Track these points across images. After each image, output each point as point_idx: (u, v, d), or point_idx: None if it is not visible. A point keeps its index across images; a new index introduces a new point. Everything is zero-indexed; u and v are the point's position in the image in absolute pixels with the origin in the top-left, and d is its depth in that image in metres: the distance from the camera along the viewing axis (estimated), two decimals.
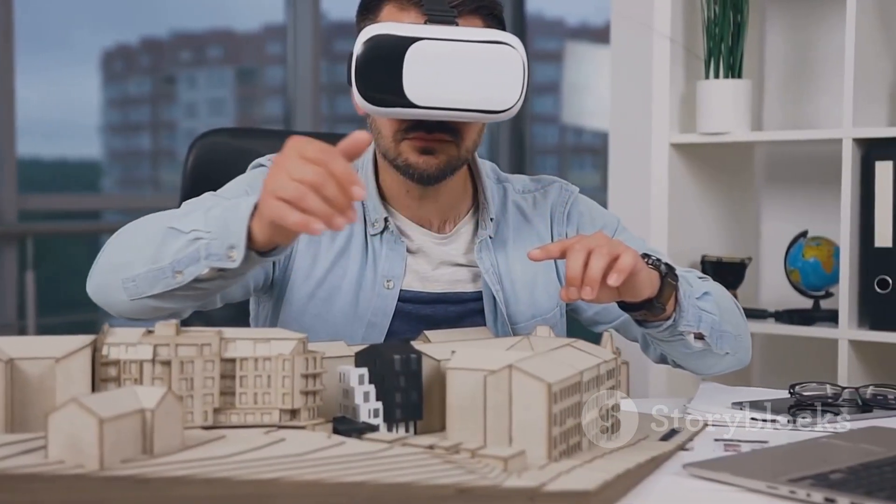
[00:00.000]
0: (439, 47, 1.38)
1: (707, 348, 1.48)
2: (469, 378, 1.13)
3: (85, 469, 0.94)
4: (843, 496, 1.00)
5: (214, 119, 4.71)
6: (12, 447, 1.00)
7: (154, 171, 4.77)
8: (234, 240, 1.23)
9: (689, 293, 1.45)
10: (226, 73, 4.76)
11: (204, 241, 1.25)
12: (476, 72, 1.38)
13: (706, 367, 1.55)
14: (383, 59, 1.37)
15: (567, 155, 5.36)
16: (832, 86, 2.62)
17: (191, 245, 1.27)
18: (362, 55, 1.38)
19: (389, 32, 1.38)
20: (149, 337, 1.11)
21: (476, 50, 1.38)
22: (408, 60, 1.37)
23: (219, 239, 1.24)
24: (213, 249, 1.25)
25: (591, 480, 1.00)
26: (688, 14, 2.56)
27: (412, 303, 1.56)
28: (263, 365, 1.13)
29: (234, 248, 1.23)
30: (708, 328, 1.47)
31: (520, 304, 1.58)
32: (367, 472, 0.98)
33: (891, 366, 2.40)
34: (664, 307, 1.41)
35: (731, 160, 2.69)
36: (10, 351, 1.09)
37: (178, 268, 1.28)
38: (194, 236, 1.26)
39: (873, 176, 2.30)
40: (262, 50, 4.78)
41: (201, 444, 1.04)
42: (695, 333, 1.46)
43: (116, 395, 0.99)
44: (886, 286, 2.29)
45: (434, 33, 1.38)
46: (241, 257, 1.23)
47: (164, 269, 1.29)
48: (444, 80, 1.38)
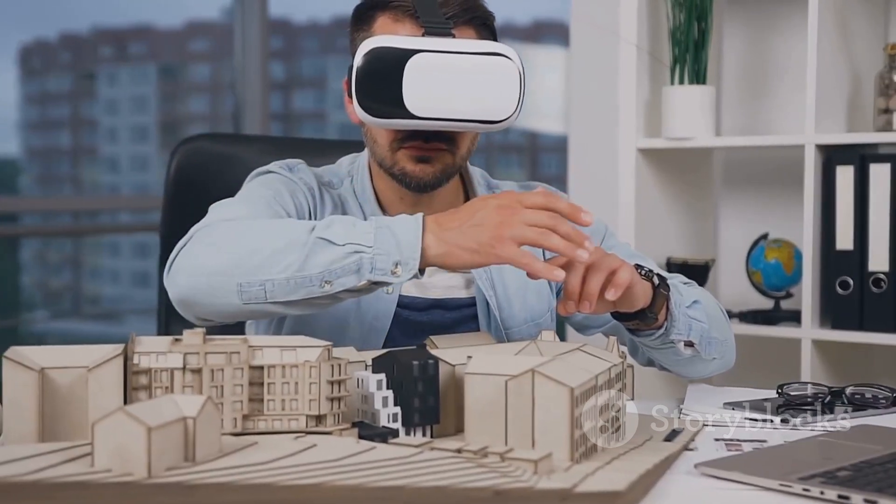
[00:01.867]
0: (438, 59, 1.41)
1: (696, 355, 1.53)
2: (488, 382, 1.16)
3: (133, 477, 0.96)
4: (856, 493, 1.05)
5: (137, 117, 4.67)
6: (54, 456, 1.01)
7: (74, 169, 4.72)
8: (405, 258, 1.28)
9: (679, 302, 1.50)
10: (148, 69, 4.72)
11: (367, 256, 1.29)
12: (474, 83, 1.42)
13: (694, 372, 1.60)
14: (383, 72, 1.40)
15: (495, 153, 5.41)
16: (789, 92, 2.70)
17: (348, 257, 1.29)
18: (362, 68, 1.41)
19: (389, 45, 1.41)
20: (178, 346, 1.13)
21: (474, 61, 1.42)
22: (407, 72, 1.40)
23: (385, 255, 1.29)
24: (378, 264, 1.29)
25: (619, 481, 1.04)
26: (653, 21, 2.62)
27: (409, 308, 1.59)
28: (291, 372, 1.15)
29: (400, 264, 1.28)
30: (698, 336, 1.52)
31: (512, 309, 1.62)
32: (403, 477, 1.01)
33: (851, 364, 2.48)
34: (657, 317, 1.46)
35: (694, 164, 2.76)
36: (41, 360, 1.10)
37: (328, 278, 1.30)
38: (352, 249, 1.29)
39: (834, 181, 2.38)
40: (186, 47, 4.74)
41: (237, 450, 1.06)
42: (685, 341, 1.50)
43: (158, 404, 1.01)
44: (847, 287, 2.37)
45: (433, 45, 1.41)
46: (410, 275, 1.29)
47: (311, 278, 1.30)
48: (442, 91, 1.41)
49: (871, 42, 2.55)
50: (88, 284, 5.04)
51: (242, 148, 2.02)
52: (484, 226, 1.29)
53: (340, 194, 1.63)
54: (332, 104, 4.98)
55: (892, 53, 2.41)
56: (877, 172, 2.35)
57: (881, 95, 2.42)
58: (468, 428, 1.17)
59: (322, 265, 1.30)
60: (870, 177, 2.35)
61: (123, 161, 4.76)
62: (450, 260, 1.30)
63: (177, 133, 4.88)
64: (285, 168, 1.62)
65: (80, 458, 1.01)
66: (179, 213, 1.95)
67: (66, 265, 4.89)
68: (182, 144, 1.99)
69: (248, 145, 2.05)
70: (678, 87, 2.55)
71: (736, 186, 2.82)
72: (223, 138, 2.14)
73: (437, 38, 1.43)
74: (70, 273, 4.96)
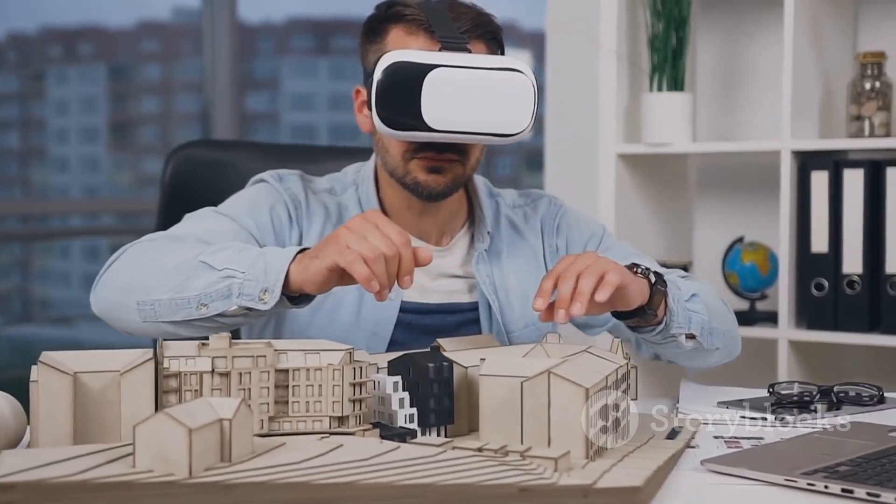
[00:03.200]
0: (456, 74, 1.45)
1: (699, 346, 1.58)
2: (502, 384, 1.21)
3: (175, 477, 1.00)
4: (858, 487, 1.11)
5: (86, 117, 4.64)
6: (94, 457, 1.04)
7: (23, 170, 4.70)
8: (270, 284, 1.32)
9: (678, 297, 1.55)
10: (98, 69, 4.70)
11: (238, 281, 1.34)
12: (490, 97, 1.46)
13: (699, 363, 1.66)
14: (402, 86, 1.44)
15: None
16: (762, 99, 2.77)
17: (222, 282, 1.35)
18: (382, 81, 1.45)
19: (409, 60, 1.45)
20: (206, 350, 1.17)
21: (490, 77, 1.46)
22: (426, 86, 1.44)
23: (254, 281, 1.33)
24: (245, 290, 1.33)
25: (636, 477, 1.09)
26: (631, 30, 2.68)
27: (412, 313, 1.64)
28: (315, 375, 1.19)
29: (268, 291, 1.32)
30: (698, 328, 1.56)
31: (514, 314, 1.67)
32: (431, 475, 1.05)
33: (826, 363, 2.56)
34: (655, 313, 1.50)
35: (671, 169, 2.82)
36: (73, 365, 1.14)
37: (204, 301, 1.36)
38: (227, 274, 1.35)
39: (809, 186, 2.45)
40: (137, 47, 4.72)
41: (268, 450, 1.10)
42: (686, 334, 1.55)
43: (194, 407, 1.04)
44: (822, 289, 2.44)
45: (451, 60, 1.46)
46: (275, 301, 1.33)
47: (189, 300, 1.37)
48: (459, 105, 1.45)
49: (841, 50, 2.62)
50: (38, 288, 5.01)
51: (236, 154, 2.05)
52: (332, 237, 1.33)
53: (341, 201, 1.66)
54: (285, 105, 4.99)
55: (863, 62, 2.49)
56: (850, 177, 2.42)
57: (853, 102, 2.50)
58: (482, 427, 1.22)
59: (199, 288, 1.36)
60: (844, 182, 2.42)
61: (73, 162, 4.74)
62: (306, 273, 1.33)
63: (127, 134, 4.86)
64: (275, 178, 1.66)
65: (120, 460, 1.04)
66: (174, 220, 1.97)
67: (14, 269, 4.86)
68: (176, 151, 2.02)
69: (241, 152, 2.08)
70: (657, 94, 2.61)
71: (711, 191, 2.89)
72: (217, 145, 2.17)
73: (455, 53, 1.47)
74: (19, 277, 4.93)
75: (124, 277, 1.45)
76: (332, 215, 1.65)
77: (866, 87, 2.47)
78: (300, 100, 5.00)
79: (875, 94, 2.47)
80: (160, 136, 4.74)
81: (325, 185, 1.68)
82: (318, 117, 5.04)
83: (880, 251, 2.39)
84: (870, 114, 2.47)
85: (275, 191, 1.64)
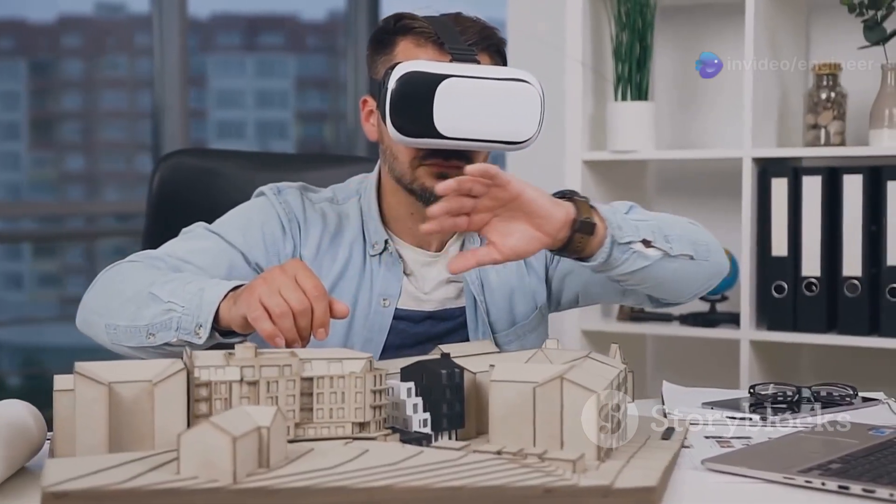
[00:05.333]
0: (467, 84, 1.51)
1: (665, 255, 1.53)
2: (513, 389, 1.26)
3: (219, 483, 1.04)
4: (854, 483, 1.18)
5: (6, 114, 4.61)
6: (137, 465, 1.08)
7: None
8: (202, 320, 1.39)
9: (613, 211, 1.52)
10: (18, 65, 4.67)
11: (177, 315, 1.41)
12: (499, 106, 1.52)
13: (684, 280, 1.60)
14: (415, 95, 1.50)
15: None
16: (720, 107, 2.86)
17: (165, 314, 1.42)
18: (396, 90, 1.50)
19: (422, 70, 1.50)
20: (234, 360, 1.21)
21: (499, 87, 1.52)
22: (438, 96, 1.50)
23: (190, 315, 1.40)
24: (183, 324, 1.41)
25: (649, 477, 1.16)
26: (596, 40, 2.75)
27: (405, 320, 1.69)
28: (338, 382, 1.24)
29: (201, 326, 1.39)
30: (650, 232, 1.51)
31: (500, 313, 1.72)
32: (461, 478, 1.11)
33: (786, 363, 2.66)
34: (593, 224, 1.46)
35: (631, 175, 2.90)
36: (106, 375, 1.17)
37: (151, 331, 1.44)
38: (169, 307, 1.42)
39: (770, 192, 2.54)
40: (58, 42, 4.69)
41: (300, 456, 1.14)
42: (642, 241, 1.50)
43: (234, 416, 1.09)
44: (782, 291, 2.54)
45: (462, 71, 1.51)
46: (206, 336, 1.40)
47: (139, 329, 1.45)
48: (470, 113, 1.51)
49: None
50: None
51: (223, 163, 2.09)
52: (249, 286, 1.38)
53: (342, 210, 1.71)
54: (211, 103, 4.98)
55: (819, 73, 2.59)
56: (808, 184, 2.52)
57: (810, 112, 2.60)
58: (493, 431, 1.27)
59: (147, 318, 1.44)
60: (802, 188, 2.52)
61: None
62: (230, 314, 1.39)
63: (50, 131, 4.82)
64: (274, 191, 1.71)
65: (162, 467, 1.08)
66: (162, 228, 2.00)
67: None
68: (164, 160, 2.06)
69: (228, 160, 2.12)
70: (622, 102, 2.68)
71: (671, 196, 2.97)
72: (204, 154, 2.20)
73: (466, 65, 1.53)
74: None
75: (97, 299, 1.53)
76: (330, 224, 1.69)
77: (822, 97, 2.57)
78: (227, 97, 5.00)
79: (830, 104, 2.57)
80: (83, 133, 4.70)
81: (326, 194, 1.73)
82: (246, 114, 5.04)
83: (837, 255, 2.50)
84: (826, 123, 2.57)
85: (270, 205, 1.68)
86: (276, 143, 5.15)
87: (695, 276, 1.63)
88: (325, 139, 5.00)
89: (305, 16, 4.80)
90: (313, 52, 4.98)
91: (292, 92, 5.03)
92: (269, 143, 5.14)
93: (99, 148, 4.54)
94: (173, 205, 2.02)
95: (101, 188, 4.66)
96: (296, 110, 5.06)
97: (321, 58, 5.02)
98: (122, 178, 4.59)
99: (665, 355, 2.91)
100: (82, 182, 4.68)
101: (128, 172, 4.53)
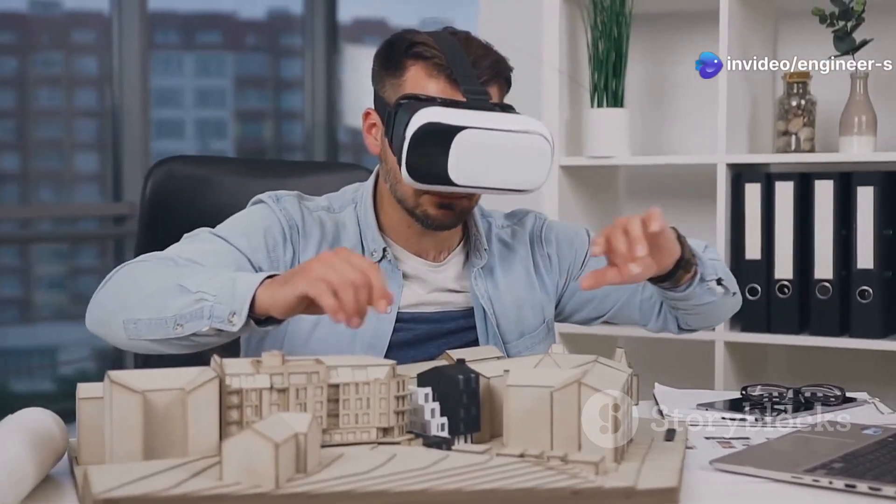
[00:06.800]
0: (483, 136, 1.55)
1: (726, 291, 1.71)
2: (530, 393, 1.30)
3: (262, 489, 1.07)
4: (860, 482, 1.24)
5: None
6: (178, 471, 1.11)
7: None
8: (237, 307, 1.41)
9: (695, 246, 1.68)
10: None
11: (208, 304, 1.42)
12: (511, 157, 1.57)
13: (721, 314, 1.79)
14: (432, 145, 1.54)
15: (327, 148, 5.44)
16: (691, 113, 2.93)
17: (195, 304, 1.44)
18: (414, 139, 1.54)
19: (440, 121, 1.54)
20: (263, 367, 1.24)
21: (513, 139, 1.57)
22: (454, 147, 1.54)
23: (223, 304, 1.42)
24: (216, 312, 1.42)
25: (669, 478, 1.20)
26: (572, 47, 2.81)
27: (408, 322, 1.72)
28: (363, 389, 1.27)
29: (235, 314, 1.41)
30: (723, 272, 1.71)
31: (509, 324, 1.77)
32: (490, 480, 1.15)
33: (759, 364, 2.73)
34: (693, 264, 1.62)
35: (606, 180, 2.96)
36: (139, 384, 1.20)
37: (179, 321, 1.45)
38: (199, 297, 1.44)
39: (744, 197, 2.61)
40: None
41: (332, 461, 1.18)
42: (716, 279, 1.68)
43: (273, 423, 1.12)
44: (756, 293, 2.60)
45: (478, 121, 1.55)
46: (242, 323, 1.41)
47: (166, 320, 1.46)
48: (483, 163, 1.56)
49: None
50: None
51: (214, 170, 2.11)
52: (303, 267, 1.41)
53: (339, 219, 1.74)
54: (150, 101, 4.95)
55: (790, 82, 2.66)
56: (781, 189, 2.59)
57: (781, 119, 2.67)
58: (509, 434, 1.31)
59: (175, 309, 1.45)
60: (775, 193, 2.59)
61: None
62: (274, 297, 1.40)
63: None
64: (273, 198, 1.73)
65: (203, 473, 1.11)
66: (154, 235, 2.02)
67: None
68: (156, 167, 2.07)
69: (219, 167, 2.14)
70: (597, 109, 2.74)
71: (646, 200, 3.03)
72: (196, 161, 2.21)
73: (480, 113, 1.56)
74: None
75: (113, 297, 1.54)
76: (328, 234, 1.72)
77: (793, 105, 2.65)
78: (165, 95, 4.97)
79: (801, 111, 2.64)
80: (16, 132, 4.65)
81: (322, 203, 1.75)
82: (184, 113, 5.01)
83: (809, 258, 2.57)
84: (796, 130, 2.64)
85: (271, 212, 1.70)
86: (215, 143, 5.12)
87: (731, 309, 1.82)
88: (265, 139, 5.00)
89: (244, 14, 4.80)
90: (252, 51, 4.97)
91: (231, 91, 5.02)
92: (209, 142, 5.11)
93: (32, 147, 4.48)
94: (165, 211, 2.03)
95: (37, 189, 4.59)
96: (235, 109, 5.04)
97: (260, 56, 5.01)
98: (58, 177, 4.53)
99: (639, 356, 2.96)
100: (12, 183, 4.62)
101: (65, 172, 4.48)
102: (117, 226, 3.86)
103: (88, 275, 4.53)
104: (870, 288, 2.51)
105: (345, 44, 4.84)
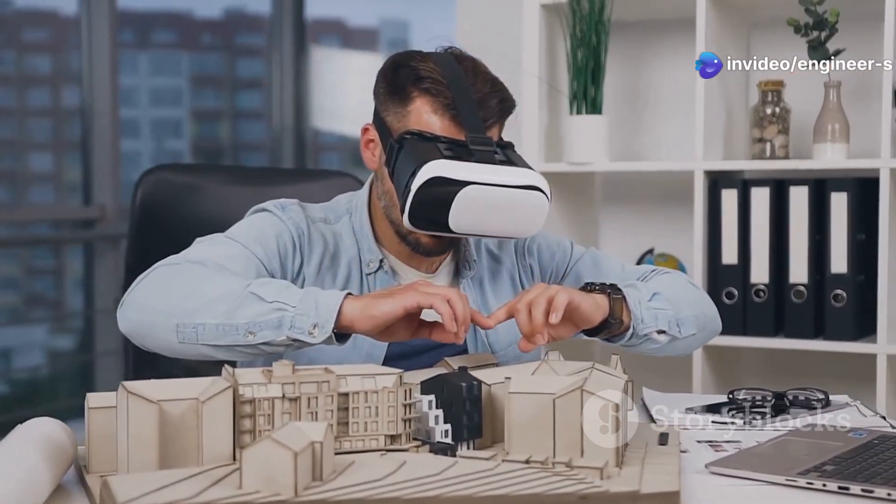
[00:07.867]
0: (486, 191, 1.58)
1: (672, 339, 1.72)
2: (532, 400, 1.34)
3: (282, 496, 1.10)
4: (854, 484, 1.28)
5: None
6: (197, 480, 1.13)
7: None
8: (322, 320, 1.44)
9: (639, 299, 1.68)
10: None
11: (289, 314, 1.45)
12: (510, 209, 1.61)
13: (682, 351, 1.81)
14: (436, 197, 1.57)
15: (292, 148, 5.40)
16: (668, 120, 2.98)
17: (273, 313, 1.45)
18: (419, 192, 1.57)
19: (447, 176, 1.57)
20: (275, 377, 1.27)
21: (514, 194, 1.61)
22: (457, 200, 1.58)
23: (305, 315, 1.45)
24: (297, 323, 1.44)
25: (671, 482, 1.24)
26: (551, 55, 2.85)
27: None
28: (371, 397, 1.30)
29: (317, 326, 1.44)
30: (666, 323, 1.70)
31: (498, 334, 1.80)
32: (500, 486, 1.18)
33: (735, 366, 2.78)
34: (621, 321, 1.66)
35: (583, 186, 3.00)
36: (154, 394, 1.22)
37: (252, 329, 1.46)
38: (278, 307, 1.45)
39: (720, 203, 2.66)
40: None
41: (345, 469, 1.20)
42: (656, 331, 1.69)
43: (289, 432, 1.15)
44: (732, 297, 2.66)
45: (482, 176, 1.58)
46: (325, 336, 1.45)
47: (237, 327, 1.46)
48: (483, 214, 1.60)
49: (738, 74, 2.84)
50: None
51: (204, 178, 2.13)
52: (399, 288, 1.51)
53: (336, 230, 1.76)
54: (122, 100, 4.94)
55: (764, 90, 2.71)
56: (757, 195, 2.64)
57: (756, 126, 2.72)
58: (511, 441, 1.35)
59: (248, 317, 1.47)
60: (751, 199, 2.64)
61: None
62: (366, 311, 1.47)
63: None
64: (278, 207, 1.75)
65: (222, 481, 1.13)
66: (144, 243, 2.04)
67: None
68: (146, 175, 2.09)
69: (209, 175, 2.16)
70: (576, 116, 2.78)
71: (622, 206, 3.09)
72: (185, 169, 2.23)
73: (484, 166, 1.59)
74: None
75: (158, 299, 1.52)
76: (329, 243, 1.74)
77: (767, 112, 2.70)
78: (122, 95, 4.96)
79: (775, 118, 2.70)
80: None
81: (319, 214, 1.77)
82: (140, 113, 4.99)
83: (784, 262, 2.63)
84: (771, 137, 2.69)
85: (278, 220, 1.72)
86: (171, 143, 5.10)
87: (693, 345, 1.82)
88: (222, 139, 5.00)
89: (199, 13, 4.78)
90: (208, 50, 4.96)
91: (187, 90, 5.01)
92: (165, 142, 5.09)
93: None
94: (154, 219, 2.05)
95: None
96: (191, 109, 5.03)
97: (216, 55, 5.00)
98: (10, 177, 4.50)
99: None
100: None
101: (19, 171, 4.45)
102: (86, 230, 3.82)
103: (43, 276, 4.50)
104: (843, 291, 2.57)
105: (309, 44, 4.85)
